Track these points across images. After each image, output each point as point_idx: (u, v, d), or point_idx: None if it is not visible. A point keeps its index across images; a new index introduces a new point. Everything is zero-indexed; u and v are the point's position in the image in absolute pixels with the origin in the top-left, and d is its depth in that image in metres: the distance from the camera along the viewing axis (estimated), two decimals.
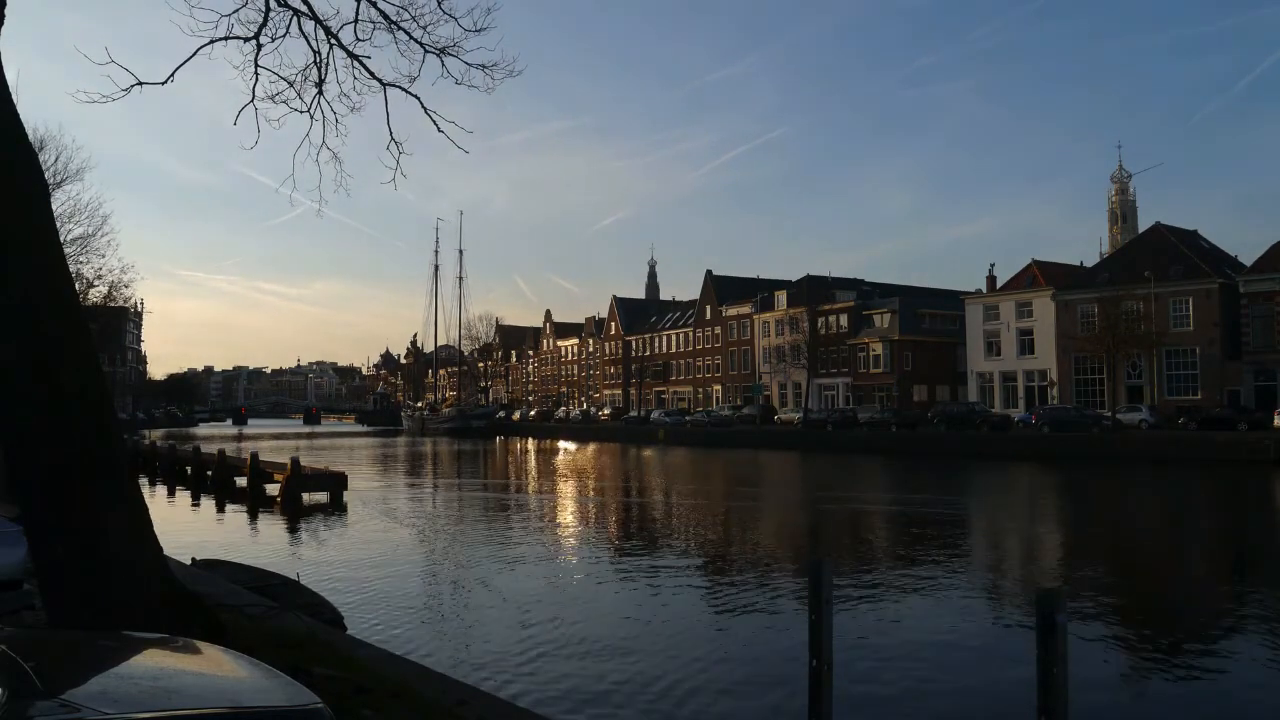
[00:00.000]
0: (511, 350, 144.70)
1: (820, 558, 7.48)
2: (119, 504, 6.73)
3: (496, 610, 15.11)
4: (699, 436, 73.89)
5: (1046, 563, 20.42)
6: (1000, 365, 70.15)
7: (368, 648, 9.21)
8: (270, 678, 3.94)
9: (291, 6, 9.42)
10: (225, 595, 10.26)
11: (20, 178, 6.74)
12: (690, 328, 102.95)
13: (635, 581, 17.37)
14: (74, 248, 36.48)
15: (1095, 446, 49.20)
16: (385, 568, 18.82)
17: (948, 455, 52.84)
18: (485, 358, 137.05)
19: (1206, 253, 65.27)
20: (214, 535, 23.98)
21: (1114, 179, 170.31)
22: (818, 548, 22.22)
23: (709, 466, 49.96)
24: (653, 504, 32.73)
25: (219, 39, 9.23)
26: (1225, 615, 14.89)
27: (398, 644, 10.77)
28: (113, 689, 3.56)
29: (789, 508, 31.47)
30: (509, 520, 27.59)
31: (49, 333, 6.60)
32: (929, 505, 30.27)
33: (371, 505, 30.71)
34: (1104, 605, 15.17)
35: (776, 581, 17.20)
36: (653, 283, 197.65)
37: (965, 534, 25.27)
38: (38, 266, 6.68)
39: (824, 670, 6.56)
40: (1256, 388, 56.18)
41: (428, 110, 10.39)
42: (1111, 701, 10.26)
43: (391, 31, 9.91)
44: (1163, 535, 25.56)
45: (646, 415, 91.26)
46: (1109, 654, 12.18)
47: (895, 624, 13.83)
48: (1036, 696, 5.50)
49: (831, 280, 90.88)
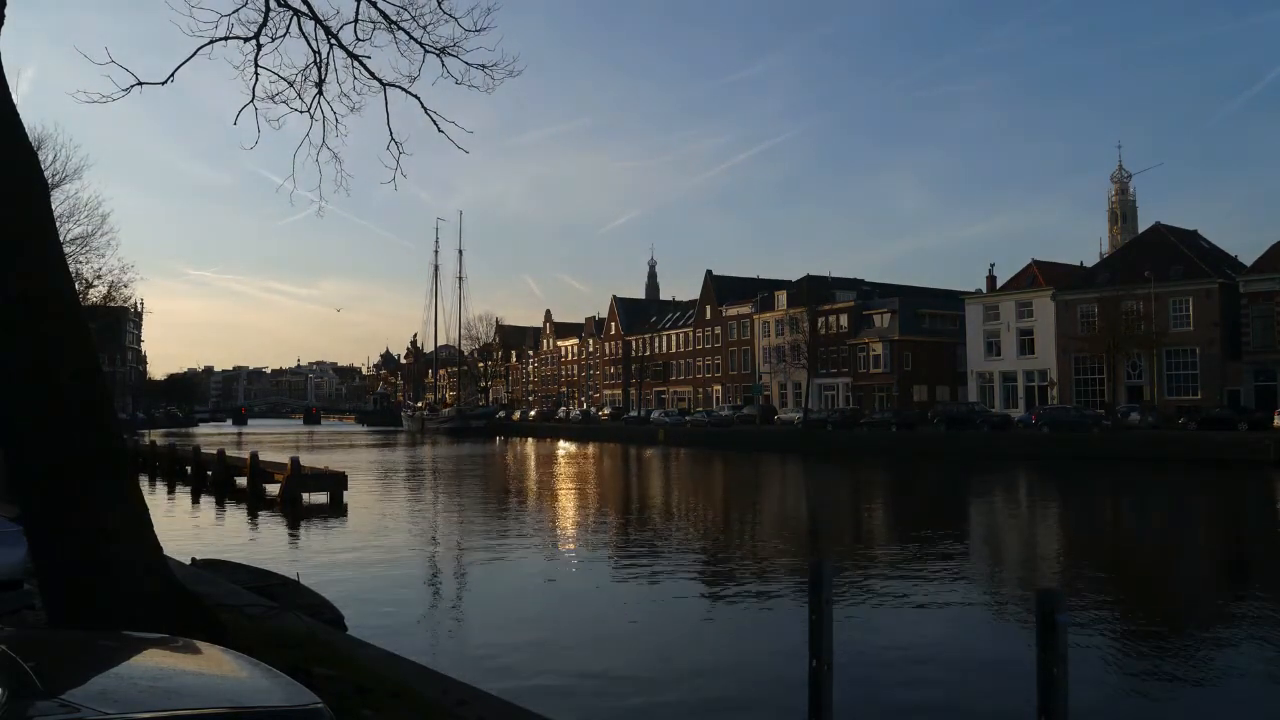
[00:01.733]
0: (511, 350, 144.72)
1: (820, 558, 7.47)
2: (119, 504, 6.72)
3: (497, 610, 15.11)
4: (700, 437, 73.88)
5: (1046, 563, 20.41)
6: (1000, 365, 70.14)
7: (368, 648, 9.20)
8: (270, 678, 3.93)
9: (291, 6, 9.41)
10: (225, 595, 10.26)
11: (20, 177, 6.73)
12: (690, 328, 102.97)
13: (635, 582, 17.37)
14: (74, 247, 36.47)
15: (1095, 447, 49.19)
16: (385, 568, 18.81)
17: (948, 456, 52.82)
18: (485, 358, 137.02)
19: (1206, 253, 65.26)
20: (214, 535, 23.97)
21: (1114, 179, 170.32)
22: (817, 548, 22.21)
23: (709, 469, 49.95)
24: (653, 508, 32.72)
25: (219, 39, 9.22)
26: (1225, 616, 14.88)
27: (398, 644, 10.75)
28: (113, 689, 3.56)
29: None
30: (509, 520, 27.58)
31: (49, 333, 6.59)
32: (929, 505, 30.26)
33: (371, 505, 30.72)
34: (1104, 606, 15.17)
35: (776, 582, 17.19)
36: (653, 283, 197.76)
37: (965, 535, 25.27)
38: (37, 266, 6.67)
39: (824, 670, 6.56)
40: (1256, 388, 56.17)
41: (428, 110, 10.39)
42: (1112, 702, 10.26)
43: (391, 31, 9.90)
44: (1162, 536, 25.55)
45: (646, 415, 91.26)
46: (1109, 654, 12.18)
47: (894, 624, 13.83)
48: (1036, 696, 5.50)
49: (831, 280, 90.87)
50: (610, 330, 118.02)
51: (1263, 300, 56.96)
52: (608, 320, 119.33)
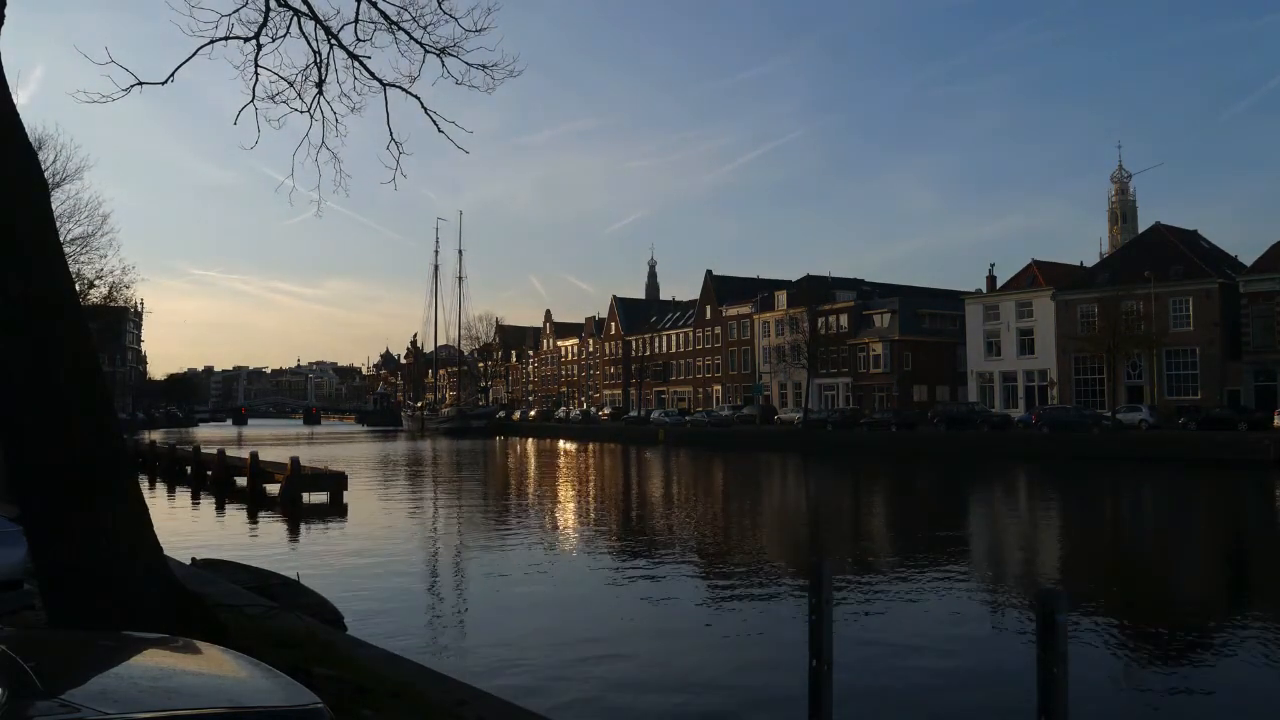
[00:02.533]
0: (511, 350, 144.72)
1: (820, 558, 7.48)
2: (119, 504, 6.72)
3: (496, 610, 15.12)
4: (700, 437, 73.88)
5: (1046, 563, 20.42)
6: (1000, 365, 70.13)
7: (368, 648, 9.20)
8: (270, 678, 3.93)
9: (292, 7, 9.40)
10: (225, 595, 10.26)
11: (19, 177, 6.73)
12: (690, 328, 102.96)
13: (635, 582, 17.37)
14: (74, 247, 36.47)
15: (1095, 447, 49.19)
16: (385, 568, 18.82)
17: (948, 456, 52.82)
18: (485, 358, 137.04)
19: (1206, 253, 65.27)
20: (214, 535, 23.96)
21: (1114, 179, 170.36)
22: (816, 548, 22.22)
23: (709, 469, 49.95)
24: (653, 508, 32.72)
25: (219, 39, 9.21)
26: (1225, 616, 14.89)
27: (398, 644, 10.76)
28: (113, 689, 3.55)
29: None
30: (508, 520, 27.58)
31: (49, 333, 6.59)
32: (929, 505, 30.27)
33: (371, 505, 30.72)
34: (1104, 606, 15.17)
35: (777, 583, 17.19)
36: (653, 283, 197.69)
37: (965, 535, 25.27)
38: (38, 266, 6.67)
39: (824, 670, 6.56)
40: (1256, 388, 56.16)
41: (428, 110, 10.38)
42: (1112, 701, 10.26)
43: (392, 32, 9.89)
44: (1162, 536, 25.56)
45: (646, 415, 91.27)
46: (1109, 654, 12.18)
47: (894, 624, 13.83)
48: (1037, 696, 5.49)
49: (831, 280, 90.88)
50: (610, 330, 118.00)
51: (1263, 300, 56.95)
52: (608, 320, 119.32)
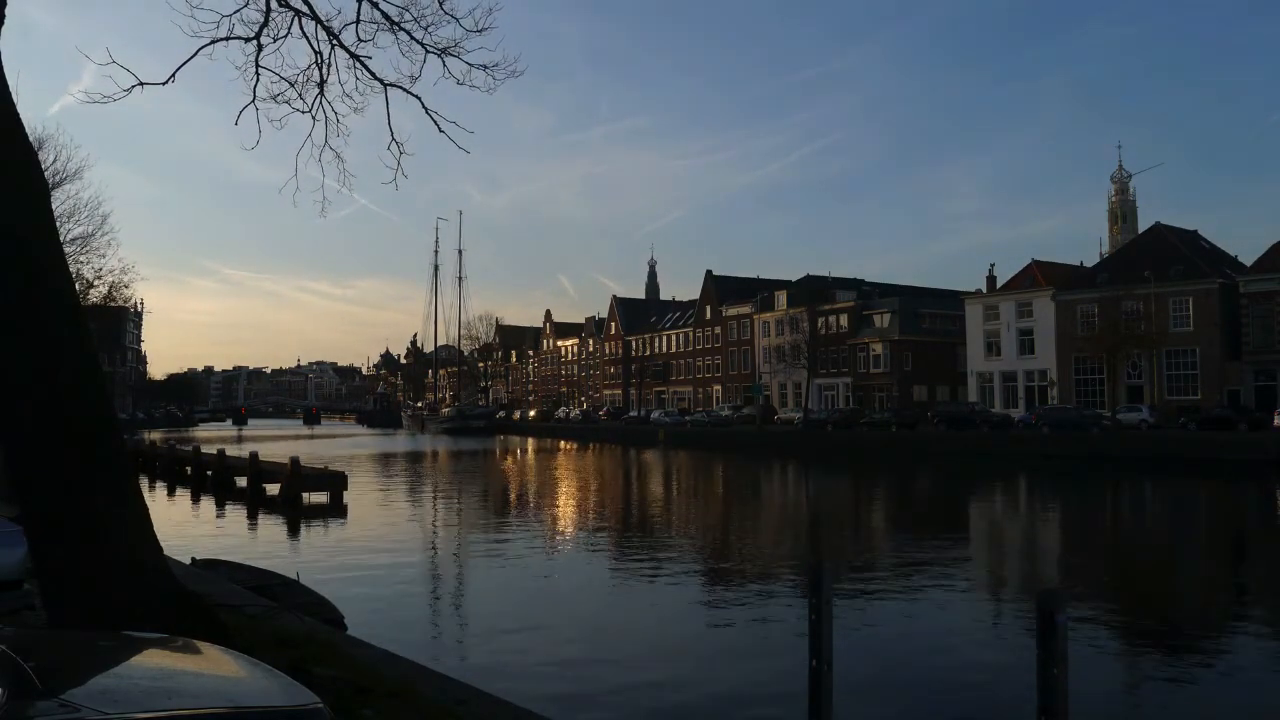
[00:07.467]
0: (511, 350, 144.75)
1: (820, 558, 7.48)
2: (119, 504, 6.72)
3: (496, 610, 15.12)
4: (700, 437, 73.87)
5: (1046, 563, 20.42)
6: (1000, 365, 70.12)
7: (368, 648, 9.20)
8: (270, 678, 3.93)
9: (293, 7, 9.40)
10: (225, 595, 10.26)
11: (20, 177, 6.73)
12: (690, 328, 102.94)
13: (635, 583, 17.38)
14: (74, 247, 36.46)
15: (1095, 447, 49.19)
16: (385, 567, 18.82)
17: (948, 456, 52.81)
18: (485, 358, 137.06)
19: (1206, 253, 65.26)
20: (214, 535, 23.96)
21: (1114, 179, 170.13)
22: (816, 548, 22.21)
23: (709, 469, 49.94)
24: (653, 508, 32.72)
25: (220, 39, 9.21)
26: (1225, 616, 14.89)
27: (398, 644, 10.75)
28: (113, 689, 3.55)
29: None
30: (508, 521, 27.59)
31: (49, 333, 6.59)
32: (929, 506, 30.26)
33: (371, 505, 30.72)
34: (1104, 606, 15.17)
35: (776, 583, 17.19)
36: (653, 283, 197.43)
37: (965, 536, 25.27)
38: (38, 266, 6.67)
39: (824, 670, 6.56)
40: (1256, 388, 56.16)
41: (428, 111, 10.37)
42: (1112, 701, 10.26)
43: (393, 32, 9.88)
44: (1163, 536, 25.56)
45: (646, 415, 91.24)
46: (1109, 654, 12.18)
47: (894, 625, 13.83)
48: (1036, 696, 5.49)
49: (831, 280, 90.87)
50: (610, 330, 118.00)
51: (1263, 300, 56.95)
52: (608, 320, 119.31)
